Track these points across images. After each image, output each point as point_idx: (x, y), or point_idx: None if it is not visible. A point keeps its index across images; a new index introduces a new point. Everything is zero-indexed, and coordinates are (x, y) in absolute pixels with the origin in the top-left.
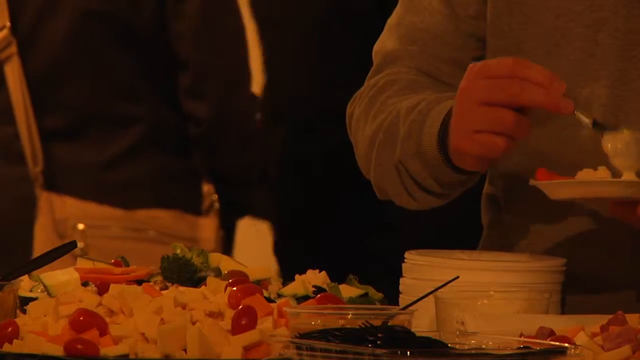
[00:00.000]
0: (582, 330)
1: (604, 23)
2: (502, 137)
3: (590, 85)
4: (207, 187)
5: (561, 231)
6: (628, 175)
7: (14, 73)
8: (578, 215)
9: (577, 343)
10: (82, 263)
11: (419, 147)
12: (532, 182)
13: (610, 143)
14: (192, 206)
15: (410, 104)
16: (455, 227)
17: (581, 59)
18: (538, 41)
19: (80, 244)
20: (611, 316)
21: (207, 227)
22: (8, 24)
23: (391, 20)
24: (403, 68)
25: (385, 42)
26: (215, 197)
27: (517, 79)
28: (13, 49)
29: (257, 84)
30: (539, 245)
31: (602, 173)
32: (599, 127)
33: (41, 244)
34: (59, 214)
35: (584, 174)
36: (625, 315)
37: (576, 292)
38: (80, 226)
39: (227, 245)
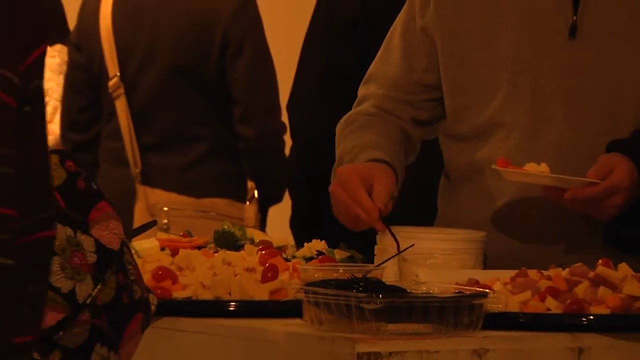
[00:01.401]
0: (498, 281)
1: (522, 72)
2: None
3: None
4: (250, 184)
5: (488, 212)
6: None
7: (121, 106)
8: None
9: (494, 289)
10: (161, 235)
11: None
12: (493, 166)
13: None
14: (240, 197)
15: (350, 146)
16: (414, 212)
17: (506, 97)
18: (476, 86)
19: (164, 221)
20: (517, 271)
21: (249, 211)
22: (118, 73)
23: (370, 69)
24: (369, 106)
25: (362, 85)
26: (255, 191)
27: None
28: (121, 90)
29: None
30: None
31: (543, 167)
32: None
33: (138, 222)
34: (150, 200)
35: (530, 166)
36: (527, 270)
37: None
38: (165, 209)
39: (262, 223)
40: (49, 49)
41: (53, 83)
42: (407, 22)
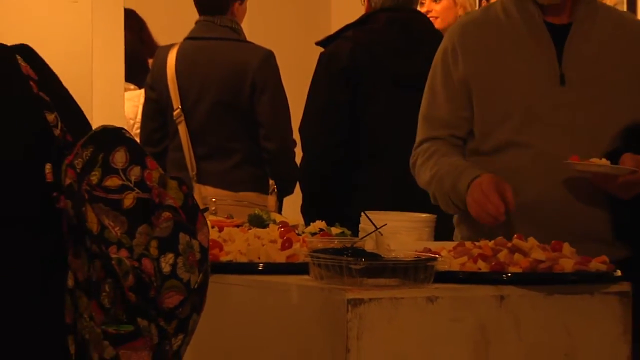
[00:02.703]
0: (444, 249)
1: (530, 108)
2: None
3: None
4: (271, 182)
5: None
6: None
7: (182, 129)
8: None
9: (442, 255)
10: (210, 217)
11: (455, 194)
12: (567, 160)
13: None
14: (264, 191)
15: (448, 167)
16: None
17: (520, 124)
18: (498, 116)
19: (212, 208)
20: (457, 243)
21: (271, 200)
22: (179, 106)
23: (422, 111)
24: (433, 143)
25: (421, 126)
26: (275, 187)
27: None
28: (182, 118)
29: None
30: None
31: (603, 161)
32: None
33: None
34: (203, 194)
35: (594, 160)
36: (465, 242)
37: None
38: (213, 200)
39: (279, 209)
40: (130, 95)
41: (137, 112)
42: (445, 75)
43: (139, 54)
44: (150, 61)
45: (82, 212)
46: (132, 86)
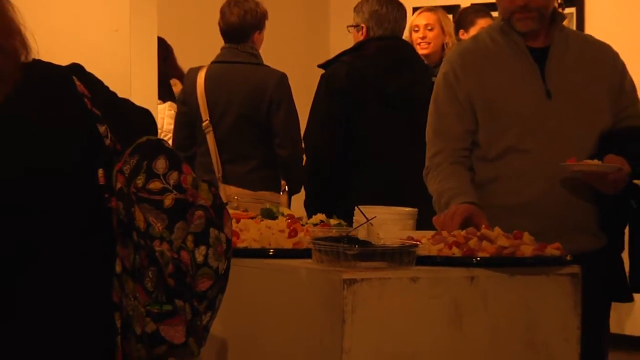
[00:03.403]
0: (424, 237)
1: (526, 119)
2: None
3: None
4: (282, 183)
5: (508, 203)
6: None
7: (210, 138)
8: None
9: (422, 242)
10: (231, 211)
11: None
12: (563, 164)
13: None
14: (277, 190)
15: (448, 188)
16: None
17: (518, 134)
18: (500, 127)
19: (235, 205)
20: (435, 232)
21: (283, 198)
22: (207, 119)
23: (434, 127)
24: (445, 157)
25: (432, 141)
26: (286, 187)
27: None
28: (210, 128)
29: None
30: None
31: (596, 161)
32: None
33: None
34: (227, 193)
35: (589, 161)
36: (442, 232)
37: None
38: (236, 197)
39: (288, 205)
40: (170, 103)
41: (162, 123)
42: (450, 94)
43: (164, 75)
44: (172, 81)
45: (132, 212)
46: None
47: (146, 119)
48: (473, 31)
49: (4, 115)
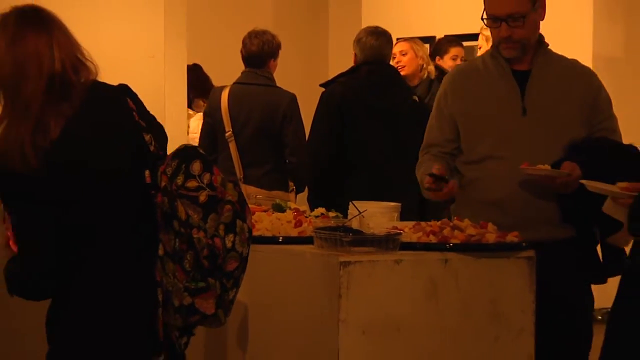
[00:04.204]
0: (406, 227)
1: (501, 130)
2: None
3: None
4: (291, 184)
5: (489, 199)
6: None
7: (232, 146)
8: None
9: (405, 230)
10: (250, 205)
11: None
12: (521, 167)
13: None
14: (286, 189)
15: (424, 169)
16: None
17: (494, 144)
18: (478, 137)
19: (253, 200)
20: (415, 222)
21: (291, 196)
22: (230, 130)
23: (425, 137)
24: (430, 154)
25: (423, 148)
26: (293, 187)
27: None
28: (232, 138)
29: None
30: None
31: (546, 166)
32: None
33: None
34: (247, 192)
35: (540, 166)
36: (420, 222)
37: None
38: (252, 195)
39: (295, 201)
40: (198, 115)
41: (197, 132)
42: (439, 110)
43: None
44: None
45: (175, 205)
46: (191, 111)
47: (164, 131)
48: (447, 58)
49: (72, 129)
